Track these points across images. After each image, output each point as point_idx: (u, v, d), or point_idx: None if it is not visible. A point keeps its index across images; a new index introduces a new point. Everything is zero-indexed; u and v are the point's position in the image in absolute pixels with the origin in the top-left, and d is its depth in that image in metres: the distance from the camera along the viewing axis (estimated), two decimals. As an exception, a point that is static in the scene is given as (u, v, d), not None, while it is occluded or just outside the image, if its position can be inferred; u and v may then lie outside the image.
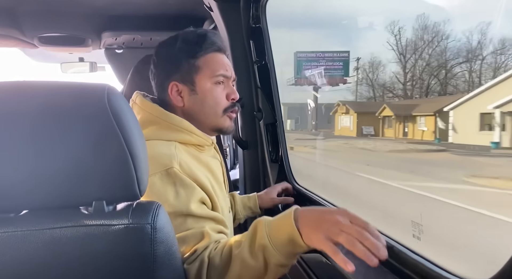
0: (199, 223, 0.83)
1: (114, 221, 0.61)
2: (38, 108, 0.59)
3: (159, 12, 1.62)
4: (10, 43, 1.79)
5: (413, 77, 9.88)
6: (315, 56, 11.64)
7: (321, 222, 0.69)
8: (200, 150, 0.99)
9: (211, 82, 0.99)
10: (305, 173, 3.00)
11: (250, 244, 0.74)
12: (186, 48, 0.98)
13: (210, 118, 1.00)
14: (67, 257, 0.60)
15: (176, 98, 0.99)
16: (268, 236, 0.73)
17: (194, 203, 0.83)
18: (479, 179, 5.37)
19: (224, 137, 2.31)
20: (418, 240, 1.28)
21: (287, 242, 0.72)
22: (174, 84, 0.98)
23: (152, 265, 0.62)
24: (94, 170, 0.61)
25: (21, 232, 0.59)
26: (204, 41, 0.98)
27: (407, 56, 9.85)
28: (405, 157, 8.12)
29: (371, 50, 13.08)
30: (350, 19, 17.00)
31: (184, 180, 0.84)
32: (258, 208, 1.27)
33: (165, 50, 1.01)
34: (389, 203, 4.90)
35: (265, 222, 0.75)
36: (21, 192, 0.60)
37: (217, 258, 0.77)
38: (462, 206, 4.16)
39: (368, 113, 10.50)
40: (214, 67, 0.99)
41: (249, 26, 1.45)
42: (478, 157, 6.67)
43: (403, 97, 10.30)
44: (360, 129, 10.44)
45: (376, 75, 11.84)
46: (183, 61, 0.98)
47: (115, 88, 0.63)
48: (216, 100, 0.99)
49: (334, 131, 12.34)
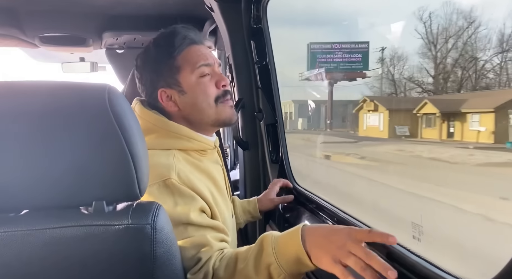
0: (200, 231, 0.82)
1: (114, 221, 0.61)
2: (38, 108, 0.59)
3: (160, 12, 1.62)
4: (11, 42, 1.79)
5: (444, 69, 8.13)
6: (331, 48, 10.26)
7: (329, 244, 0.69)
8: (202, 155, 0.98)
9: (196, 76, 0.96)
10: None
11: (255, 260, 0.74)
12: (161, 52, 0.96)
13: (207, 112, 0.97)
14: (67, 257, 0.60)
15: (168, 104, 0.96)
16: (275, 254, 0.72)
17: (193, 212, 0.83)
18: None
19: (224, 137, 2.31)
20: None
21: (294, 262, 0.71)
22: (162, 91, 0.96)
23: (152, 265, 0.62)
24: (95, 170, 0.61)
25: (21, 231, 0.59)
26: (175, 38, 0.96)
27: (438, 45, 7.90)
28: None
29: (390, 41, 10.95)
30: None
31: (183, 190, 0.84)
32: (258, 212, 1.26)
33: (143, 61, 0.99)
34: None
35: (272, 239, 0.74)
36: (22, 192, 0.60)
37: (221, 270, 0.76)
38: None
39: (401, 110, 8.66)
40: (193, 60, 0.96)
41: (250, 27, 1.45)
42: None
43: (432, 92, 8.60)
44: (393, 129, 8.47)
45: (402, 67, 9.82)
46: (162, 66, 0.96)
47: (115, 88, 0.64)
48: (205, 91, 0.96)
49: (357, 131, 10.55)
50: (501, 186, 3.64)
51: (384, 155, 7.42)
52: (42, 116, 0.59)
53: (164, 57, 0.96)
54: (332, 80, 10.63)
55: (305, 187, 1.40)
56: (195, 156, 0.96)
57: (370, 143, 8.84)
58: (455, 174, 5.01)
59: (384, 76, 10.49)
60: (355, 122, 11.15)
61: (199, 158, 0.97)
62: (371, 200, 3.93)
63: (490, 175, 4.53)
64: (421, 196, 3.70)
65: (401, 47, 10.00)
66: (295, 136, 11.36)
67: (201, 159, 0.97)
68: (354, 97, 12.00)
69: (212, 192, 0.92)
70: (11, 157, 0.59)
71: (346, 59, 10.39)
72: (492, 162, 5.12)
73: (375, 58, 10.80)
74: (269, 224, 1.47)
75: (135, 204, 0.65)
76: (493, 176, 4.41)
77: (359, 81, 11.20)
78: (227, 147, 2.22)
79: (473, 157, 5.63)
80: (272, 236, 0.75)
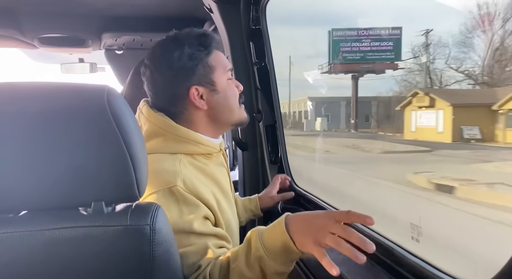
0: (202, 239, 0.83)
1: (113, 222, 0.61)
2: (37, 109, 0.60)
3: (159, 13, 1.62)
4: (11, 43, 1.79)
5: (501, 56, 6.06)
6: (357, 35, 8.76)
7: (310, 227, 0.72)
8: (208, 158, 0.99)
9: (226, 77, 1.00)
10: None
11: (246, 257, 0.76)
12: (196, 51, 0.96)
13: (234, 112, 1.02)
14: (66, 258, 0.60)
15: (199, 102, 0.96)
16: (263, 246, 0.74)
17: (197, 220, 0.83)
18: None
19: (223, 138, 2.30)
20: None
21: (282, 250, 0.73)
22: (195, 88, 0.95)
23: (151, 266, 0.62)
24: (93, 171, 0.61)
25: (20, 232, 0.59)
26: (208, 39, 0.99)
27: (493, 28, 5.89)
28: None
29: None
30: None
31: (188, 198, 0.84)
32: (259, 210, 1.27)
33: (171, 57, 0.95)
34: None
35: (258, 233, 0.76)
36: (21, 193, 0.60)
37: (216, 273, 0.78)
38: None
39: (471, 106, 6.35)
40: (223, 63, 1.00)
41: (249, 28, 1.46)
42: None
43: (486, 84, 6.65)
44: (458, 131, 6.14)
45: (447, 55, 7.65)
46: (199, 64, 0.95)
47: (114, 89, 0.64)
48: (235, 93, 1.02)
49: (394, 132, 8.06)
50: None
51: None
52: (41, 117, 0.59)
53: (199, 55, 0.96)
54: (357, 73, 9.01)
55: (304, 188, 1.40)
56: (201, 159, 0.97)
57: (453, 154, 5.71)
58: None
59: (418, 68, 8.34)
60: (391, 121, 8.72)
61: (204, 161, 0.97)
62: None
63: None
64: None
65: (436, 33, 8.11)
66: (324, 141, 9.10)
67: (206, 163, 0.98)
68: (380, 92, 9.54)
69: (217, 198, 0.93)
70: (10, 158, 0.59)
71: (375, 48, 8.81)
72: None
73: (408, 47, 8.53)
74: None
75: (134, 205, 0.65)
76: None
77: (386, 73, 8.87)
78: (226, 148, 2.22)
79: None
80: (258, 231, 0.77)
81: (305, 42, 14.37)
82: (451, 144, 6.21)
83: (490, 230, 2.46)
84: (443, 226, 2.41)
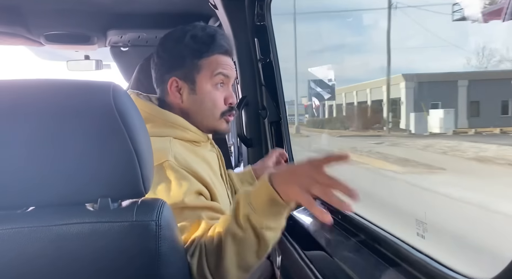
0: (196, 212, 0.83)
1: (119, 218, 0.62)
2: (43, 106, 0.60)
3: (164, 10, 1.62)
4: (17, 41, 1.81)
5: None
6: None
7: (294, 176, 0.71)
8: (196, 145, 0.99)
9: (211, 83, 0.98)
10: None
11: (235, 217, 0.76)
12: (193, 46, 0.97)
13: (208, 119, 1.00)
14: (73, 254, 0.61)
15: (174, 94, 0.99)
16: (250, 204, 0.74)
17: (190, 195, 0.83)
18: None
19: (228, 135, 2.31)
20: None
21: (268, 204, 0.73)
22: (174, 79, 0.98)
23: (157, 262, 0.62)
24: (100, 168, 0.61)
25: (28, 228, 0.60)
26: (213, 42, 0.98)
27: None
28: None
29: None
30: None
31: (180, 172, 0.85)
32: (255, 180, 1.27)
33: (171, 43, 1.00)
34: None
35: (244, 193, 0.77)
36: (28, 189, 0.61)
37: (210, 242, 0.77)
38: None
39: None
40: (214, 67, 0.98)
41: (253, 24, 1.45)
42: None
43: None
44: None
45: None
46: (188, 59, 0.97)
47: (120, 85, 0.64)
48: (215, 103, 0.99)
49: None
50: None
51: None
52: (47, 114, 0.60)
53: (194, 52, 0.97)
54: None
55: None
56: (190, 145, 0.97)
57: None
58: None
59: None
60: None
61: (193, 147, 0.98)
62: None
63: None
64: None
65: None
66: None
67: (196, 148, 0.98)
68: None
69: (210, 175, 0.93)
70: (17, 155, 0.59)
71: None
72: None
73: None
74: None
75: (140, 201, 0.66)
76: None
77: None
78: (231, 145, 2.23)
79: None
80: (245, 191, 0.78)
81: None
82: None
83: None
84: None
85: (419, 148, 5.47)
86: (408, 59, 6.78)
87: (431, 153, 4.98)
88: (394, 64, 4.44)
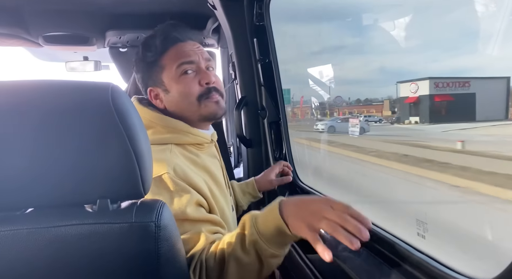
0: (196, 226, 0.83)
1: (118, 219, 0.62)
2: (42, 107, 0.60)
3: (163, 11, 1.62)
4: (16, 42, 1.80)
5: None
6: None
7: (304, 211, 0.71)
8: (199, 149, 0.99)
9: (177, 74, 0.97)
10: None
11: (241, 242, 0.76)
12: (147, 52, 1.00)
13: (190, 109, 0.98)
14: (72, 255, 0.60)
15: (156, 102, 1.01)
16: (257, 231, 0.74)
17: (190, 206, 0.83)
18: None
19: (228, 135, 2.31)
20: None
21: (276, 234, 0.73)
22: (151, 90, 1.01)
23: (156, 263, 0.62)
24: (99, 169, 0.61)
25: (27, 230, 0.60)
26: (156, 39, 0.99)
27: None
28: None
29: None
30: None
31: (179, 184, 0.84)
32: (257, 192, 1.28)
33: (136, 61, 1.04)
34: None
35: (252, 218, 0.77)
36: (27, 191, 0.61)
37: (211, 259, 0.78)
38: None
39: None
40: (174, 58, 0.98)
41: (252, 24, 1.45)
42: None
43: None
44: None
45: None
46: (149, 65, 1.00)
47: (118, 86, 0.64)
48: (186, 90, 0.97)
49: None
50: None
51: None
52: (46, 115, 0.60)
53: (149, 57, 1.00)
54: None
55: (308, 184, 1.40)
56: (192, 150, 0.97)
57: None
58: None
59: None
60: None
61: (196, 152, 0.98)
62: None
63: None
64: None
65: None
66: None
67: (198, 154, 0.98)
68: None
69: (209, 186, 0.93)
70: (16, 156, 0.59)
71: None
72: None
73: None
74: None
75: (139, 202, 0.65)
76: None
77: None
78: (231, 145, 2.22)
79: None
80: (252, 215, 0.77)
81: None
82: None
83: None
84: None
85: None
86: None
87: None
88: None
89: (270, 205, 0.76)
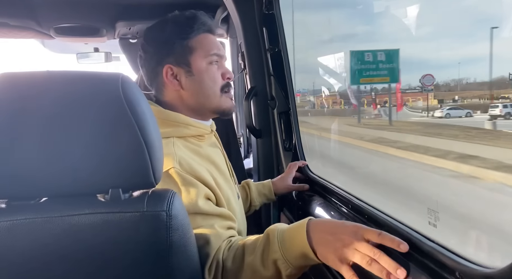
0: (208, 220, 0.83)
1: (130, 208, 0.62)
2: (54, 98, 0.60)
3: (172, 1, 1.61)
4: (28, 34, 1.82)
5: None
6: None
7: (336, 243, 0.69)
8: (200, 140, 0.99)
9: (206, 62, 0.98)
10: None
11: (262, 255, 0.75)
12: (178, 30, 0.97)
13: (210, 98, 0.99)
14: (84, 243, 0.62)
15: (172, 82, 0.98)
16: (281, 249, 0.74)
17: (200, 200, 0.83)
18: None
19: (237, 126, 2.31)
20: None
21: (300, 257, 0.73)
22: (169, 67, 0.98)
23: (167, 252, 0.63)
24: (110, 158, 0.62)
25: (41, 218, 0.61)
26: (195, 21, 0.98)
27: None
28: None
29: None
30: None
31: (186, 178, 0.84)
32: (273, 195, 1.28)
33: (156, 34, 1.00)
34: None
35: (278, 233, 0.76)
36: (41, 180, 0.62)
37: (229, 261, 0.78)
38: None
39: None
40: (207, 47, 0.99)
41: (262, 13, 1.44)
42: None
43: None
44: None
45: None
46: (176, 43, 0.97)
47: (129, 77, 0.64)
48: (214, 79, 0.99)
49: None
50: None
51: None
52: (57, 106, 0.60)
53: (180, 35, 0.97)
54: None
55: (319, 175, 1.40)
56: (194, 141, 0.97)
57: None
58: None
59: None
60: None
61: (198, 143, 0.98)
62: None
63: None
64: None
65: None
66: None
67: (200, 145, 0.98)
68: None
69: (214, 177, 0.93)
70: (30, 146, 0.60)
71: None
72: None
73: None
74: (283, 212, 1.47)
75: (151, 192, 0.66)
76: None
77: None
78: (240, 136, 2.22)
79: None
80: (278, 230, 0.76)
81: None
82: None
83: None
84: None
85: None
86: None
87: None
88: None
89: (297, 225, 0.75)
